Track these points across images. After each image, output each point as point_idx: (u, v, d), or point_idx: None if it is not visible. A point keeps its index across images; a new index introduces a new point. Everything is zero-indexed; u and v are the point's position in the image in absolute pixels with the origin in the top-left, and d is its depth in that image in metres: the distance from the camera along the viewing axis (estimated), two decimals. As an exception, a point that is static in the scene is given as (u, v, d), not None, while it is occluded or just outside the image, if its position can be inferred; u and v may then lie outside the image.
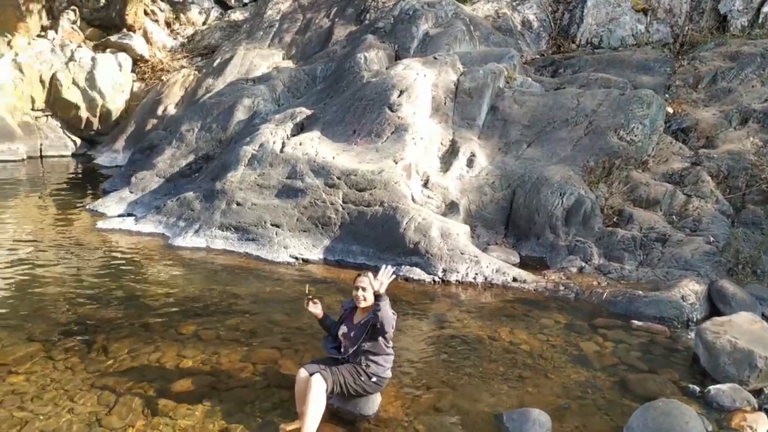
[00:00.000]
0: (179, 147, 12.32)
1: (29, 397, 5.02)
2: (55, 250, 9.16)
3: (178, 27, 20.70)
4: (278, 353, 5.99)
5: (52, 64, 17.39)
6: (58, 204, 12.42)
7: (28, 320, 6.53)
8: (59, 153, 17.18)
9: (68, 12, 18.63)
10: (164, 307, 7.08)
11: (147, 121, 16.39)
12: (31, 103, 17.21)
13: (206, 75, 16.74)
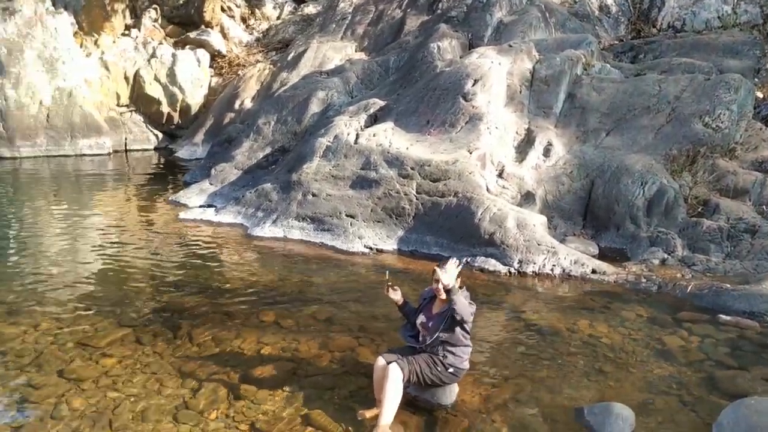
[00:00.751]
0: (256, 140, 12.60)
1: (121, 379, 5.25)
2: (140, 239, 9.55)
3: (253, 22, 21.15)
4: (355, 341, 6.06)
5: (135, 61, 18.10)
6: (142, 196, 12.93)
7: (118, 306, 6.83)
8: (142, 147, 17.88)
9: (150, 11, 19.32)
10: (244, 295, 7.28)
11: (224, 115, 16.84)
12: (116, 99, 17.97)
13: (281, 69, 17.04)
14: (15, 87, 15.91)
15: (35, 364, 5.47)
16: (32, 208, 11.87)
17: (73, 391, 5.04)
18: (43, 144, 16.27)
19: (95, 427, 4.58)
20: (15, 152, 15.94)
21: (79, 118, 16.61)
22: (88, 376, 5.28)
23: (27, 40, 16.17)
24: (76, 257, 8.86)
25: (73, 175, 14.96)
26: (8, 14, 16.07)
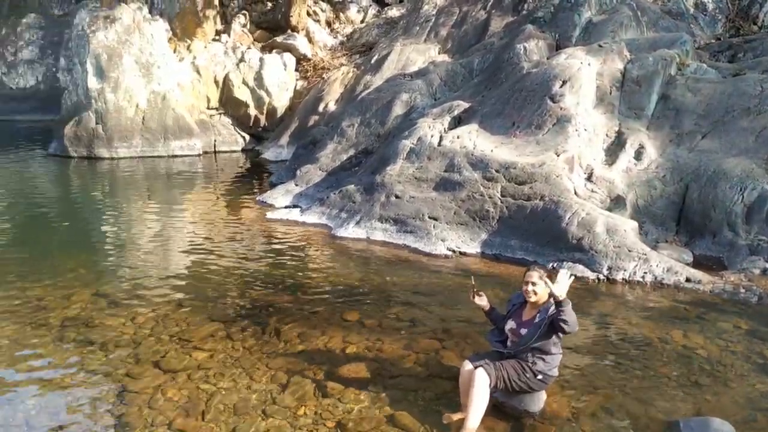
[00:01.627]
0: (340, 142, 12.76)
1: (212, 372, 5.43)
2: (228, 238, 9.85)
3: (338, 26, 21.48)
4: (439, 344, 6.04)
5: (225, 65, 18.71)
6: (230, 195, 13.34)
7: (208, 302, 7.07)
8: (230, 148, 18.45)
9: (239, 16, 19.94)
10: (328, 294, 7.38)
11: (309, 118, 17.16)
12: (206, 102, 18.62)
13: (364, 72, 17.21)
14: (114, 91, 16.75)
15: (133, 355, 5.73)
16: (128, 206, 12.46)
17: (168, 382, 5.24)
18: (139, 145, 17.05)
19: (189, 417, 4.75)
20: (113, 152, 16.77)
21: (171, 120, 17.32)
22: (181, 368, 5.48)
23: (126, 46, 17.00)
24: (168, 253, 9.24)
25: (166, 175, 15.60)
26: (109, 22, 16.95)
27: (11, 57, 27.54)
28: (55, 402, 4.95)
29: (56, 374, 5.37)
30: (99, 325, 6.36)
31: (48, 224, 10.92)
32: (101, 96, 16.74)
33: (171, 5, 18.34)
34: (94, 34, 16.82)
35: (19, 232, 10.28)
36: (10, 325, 6.33)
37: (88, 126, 16.84)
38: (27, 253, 9.12)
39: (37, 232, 10.36)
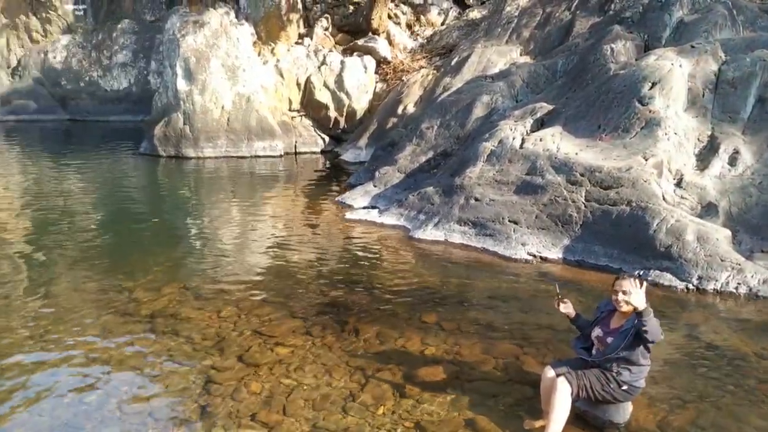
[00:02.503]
0: (419, 144, 12.75)
1: (293, 367, 5.53)
2: (308, 237, 10.01)
3: (418, 28, 21.50)
4: (519, 349, 5.94)
5: (307, 68, 19.05)
6: (309, 196, 13.56)
7: (289, 299, 7.20)
8: (310, 150, 18.75)
9: (322, 20, 20.27)
10: (406, 296, 7.38)
11: (388, 120, 17.23)
12: (288, 104, 19.01)
13: (444, 74, 17.14)
14: (201, 93, 17.34)
15: (218, 347, 5.90)
16: (212, 204, 12.86)
17: (251, 375, 5.37)
18: (223, 145, 17.57)
19: (270, 411, 4.85)
20: (199, 152, 17.36)
21: (255, 121, 17.78)
22: (264, 362, 5.61)
23: (213, 49, 17.58)
24: (250, 251, 9.47)
25: (249, 175, 16.01)
26: (198, 27, 17.57)
27: (107, 60, 28.94)
28: (145, 389, 5.16)
29: (146, 362, 5.60)
30: (186, 318, 6.58)
31: (139, 220, 11.41)
32: (189, 98, 17.36)
33: (256, 9, 18.84)
34: (184, 38, 17.47)
35: (112, 228, 10.78)
36: (104, 315, 6.64)
37: (176, 126, 17.51)
38: (120, 247, 9.56)
39: (129, 227, 10.83)
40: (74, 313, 6.71)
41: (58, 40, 29.39)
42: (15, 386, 5.17)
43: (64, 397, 5.02)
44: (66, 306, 6.92)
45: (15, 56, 29.72)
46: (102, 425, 4.63)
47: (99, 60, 29.00)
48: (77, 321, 6.49)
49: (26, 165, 17.18)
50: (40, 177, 15.43)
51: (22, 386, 5.17)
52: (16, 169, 16.75)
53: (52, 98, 28.79)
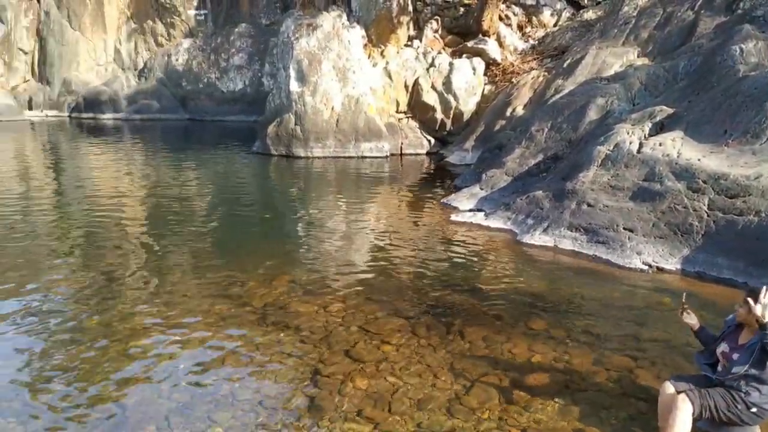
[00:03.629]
0: (528, 147, 12.49)
1: (399, 366, 5.53)
2: (413, 238, 10.01)
3: (529, 30, 21.10)
4: (632, 362, 5.66)
5: (415, 70, 19.13)
6: (415, 197, 13.60)
7: (394, 298, 7.22)
8: (416, 151, 18.81)
9: (432, 22, 20.30)
10: (513, 300, 7.23)
11: (496, 122, 17.01)
12: (396, 105, 19.16)
13: (556, 76, 16.72)
14: (313, 94, 17.80)
15: (325, 342, 6.00)
16: (320, 202, 13.17)
17: (357, 371, 5.42)
18: (332, 146, 17.96)
19: (376, 407, 4.87)
20: (308, 152, 17.83)
21: (363, 123, 18.05)
22: (369, 359, 5.64)
23: (325, 52, 18.00)
24: (356, 248, 9.60)
25: (355, 175, 16.27)
26: (312, 30, 18.05)
27: (224, 63, 30.32)
28: (256, 378, 5.32)
29: (257, 352, 5.78)
30: (295, 311, 6.74)
31: (252, 216, 11.86)
32: (301, 99, 17.86)
33: (368, 12, 19.13)
34: (298, 40, 18.00)
35: (226, 222, 11.26)
36: (218, 304, 6.92)
37: (288, 127, 18.06)
38: (233, 240, 9.95)
39: (243, 222, 11.27)
40: (191, 301, 7.04)
41: (180, 43, 31.09)
42: (136, 368, 5.47)
43: (181, 380, 5.25)
44: (184, 294, 7.27)
45: (141, 59, 31.72)
46: (216, 409, 4.81)
47: (217, 62, 30.42)
48: (194, 308, 6.81)
49: (149, 160, 18.28)
50: (161, 172, 16.37)
51: (144, 369, 5.46)
52: (140, 163, 17.86)
53: (174, 98, 30.48)
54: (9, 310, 6.70)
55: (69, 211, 12.10)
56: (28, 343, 5.97)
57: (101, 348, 5.84)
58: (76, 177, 16.19)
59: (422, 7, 20.64)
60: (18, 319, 6.49)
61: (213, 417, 4.70)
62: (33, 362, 5.59)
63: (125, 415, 4.69)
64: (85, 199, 12.86)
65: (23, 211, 11.68)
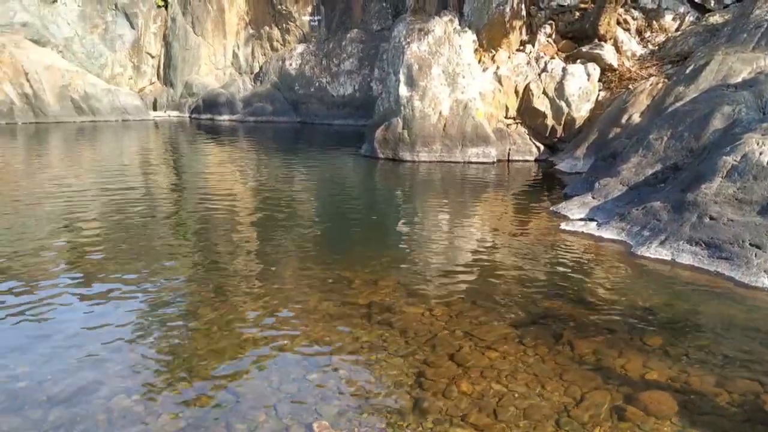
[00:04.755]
0: (645, 155, 11.95)
1: (505, 373, 5.42)
2: (519, 245, 9.81)
3: (649, 35, 20.19)
4: (760, 387, 5.27)
5: (526, 75, 18.78)
6: (521, 204, 13.34)
7: (499, 304, 7.10)
8: (524, 158, 18.45)
9: (545, 26, 19.86)
10: (626, 315, 6.91)
11: (610, 130, 16.40)
12: (504, 111, 18.88)
13: (676, 83, 15.91)
14: (421, 99, 17.85)
15: (430, 344, 5.97)
16: (425, 205, 13.19)
17: (462, 376, 5.36)
18: (438, 150, 17.93)
19: (481, 413, 4.79)
20: (414, 156, 17.89)
21: (471, 128, 17.90)
22: (475, 364, 5.56)
23: (435, 56, 18.01)
24: (460, 253, 9.52)
25: (460, 180, 16.16)
26: (423, 34, 18.12)
27: (335, 68, 31.00)
28: (362, 375, 5.37)
29: (363, 350, 5.84)
30: (399, 312, 6.76)
31: (358, 216, 12.04)
32: (409, 103, 17.96)
33: (480, 17, 18.96)
34: (409, 45, 18.13)
35: (333, 221, 11.49)
36: (326, 301, 7.05)
37: (395, 131, 18.21)
38: (340, 239, 10.13)
39: (349, 222, 11.46)
40: (300, 296, 7.22)
41: (294, 48, 32.09)
42: (248, 359, 5.67)
43: (290, 373, 5.38)
44: (293, 289, 7.47)
45: (257, 63, 33.00)
46: (323, 403, 4.89)
47: (328, 67, 31.15)
48: (303, 304, 6.97)
49: (261, 160, 18.98)
50: (272, 171, 16.96)
51: (254, 360, 5.64)
52: (253, 163, 18.58)
53: (286, 102, 31.50)
54: (129, 298, 7.12)
55: (185, 205, 12.76)
56: (145, 328, 6.32)
57: (215, 337, 6.09)
58: (193, 173, 17.08)
59: (536, 11, 20.22)
60: (136, 306, 6.89)
61: (319, 410, 4.79)
62: (150, 346, 5.91)
63: (237, 402, 4.87)
64: (200, 194, 13.52)
65: (145, 203, 12.42)
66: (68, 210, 11.39)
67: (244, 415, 4.69)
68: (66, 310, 6.75)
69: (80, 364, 5.46)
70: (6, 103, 27.72)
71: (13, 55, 28.05)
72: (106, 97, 30.13)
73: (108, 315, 6.61)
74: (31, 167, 17.10)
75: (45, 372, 5.30)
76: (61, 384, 5.10)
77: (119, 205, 11.89)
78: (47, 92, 28.52)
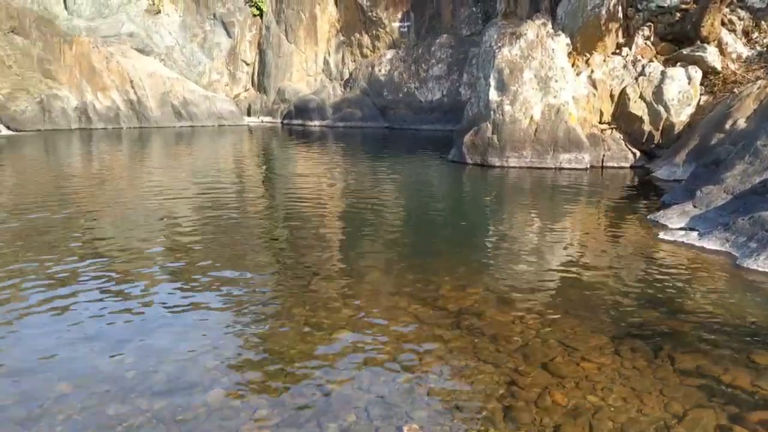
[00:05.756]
0: (752, 162, 11.28)
1: (600, 386, 5.22)
2: (614, 254, 9.47)
3: (756, 36, 19.10)
4: None
5: (622, 79, 18.17)
6: (616, 212, 12.90)
7: (593, 314, 6.86)
8: (619, 164, 17.83)
9: (643, 29, 19.13)
10: (732, 330, 6.52)
11: (712, 136, 15.59)
12: (599, 116, 18.34)
13: (788, 86, 14.95)
14: (512, 103, 17.60)
15: (521, 352, 5.84)
16: (514, 212, 12.97)
17: (555, 386, 5.21)
18: (528, 156, 17.61)
19: (575, 426, 4.64)
20: (503, 162, 17.65)
21: (563, 133, 17.47)
22: (568, 375, 5.40)
23: (527, 60, 17.72)
24: (551, 260, 9.27)
25: (551, 187, 15.80)
26: (515, 38, 17.87)
27: (423, 73, 31.07)
28: (451, 381, 5.32)
29: (453, 356, 5.78)
30: (490, 318, 6.66)
31: (446, 221, 11.98)
32: (499, 108, 17.75)
33: (574, 20, 18.49)
34: (500, 49, 17.91)
35: (421, 225, 11.49)
36: (414, 304, 7.04)
37: (484, 136, 18.02)
38: (427, 244, 10.09)
39: (436, 227, 11.42)
40: (389, 299, 7.24)
41: (383, 54, 32.41)
42: (339, 358, 5.73)
43: (380, 375, 5.40)
44: (381, 292, 7.51)
45: (347, 69, 33.54)
46: (412, 407, 4.87)
47: (417, 73, 31.27)
48: (391, 307, 6.99)
49: (350, 165, 19.24)
50: (360, 175, 17.16)
51: (345, 360, 5.69)
52: (341, 166, 18.87)
53: (375, 107, 31.83)
54: (224, 295, 7.36)
55: (277, 206, 13.11)
56: (239, 325, 6.51)
57: (306, 336, 6.19)
58: (284, 176, 17.54)
59: (633, 13, 19.51)
60: (230, 304, 7.10)
61: (410, 413, 4.77)
62: (245, 343, 6.07)
63: (329, 402, 4.92)
64: (291, 197, 13.87)
65: (239, 204, 12.85)
66: (167, 211, 11.93)
67: (336, 414, 4.73)
68: (164, 305, 7.04)
69: (180, 357, 5.68)
70: (113, 109, 29.40)
71: (120, 64, 29.72)
72: (203, 103, 31.43)
73: (204, 311, 6.86)
74: (135, 169, 18.04)
75: (149, 363, 5.55)
76: (163, 375, 5.32)
77: (215, 206, 12.34)
78: (150, 98, 30.04)
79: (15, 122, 27.09)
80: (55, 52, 28.50)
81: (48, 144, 23.76)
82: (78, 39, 29.34)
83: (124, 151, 22.35)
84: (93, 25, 31.21)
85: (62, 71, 28.67)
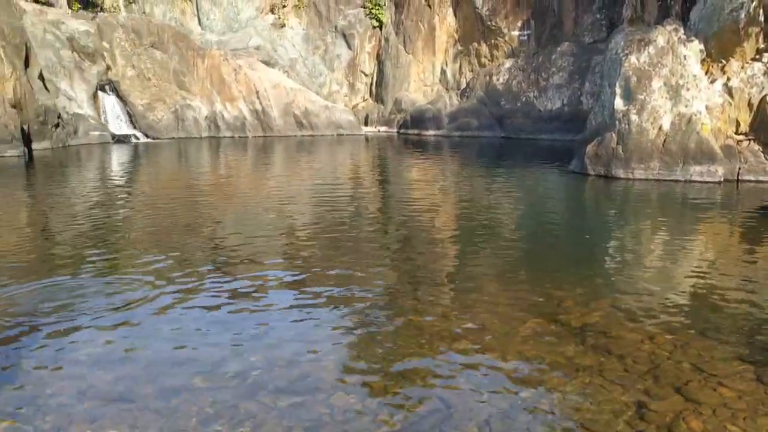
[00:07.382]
0: None
1: (742, 414, 4.84)
2: (749, 273, 8.81)
3: None
4: None
5: (762, 87, 16.91)
6: (751, 228, 12.05)
7: (730, 338, 6.38)
8: (757, 178, 16.60)
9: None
10: None
11: None
12: (735, 126, 17.17)
13: None
14: (639, 113, 16.84)
15: (652, 374, 5.52)
16: (639, 227, 12.39)
17: (690, 412, 4.88)
18: (656, 167, 16.77)
19: (715, 456, 4.32)
20: (628, 173, 16.92)
21: (694, 144, 16.50)
22: (705, 401, 5.04)
23: (656, 68, 16.90)
24: (681, 279, 8.76)
25: (680, 201, 14.98)
26: (643, 45, 17.10)
27: (543, 82, 30.48)
28: (576, 399, 5.10)
29: (577, 373, 5.54)
30: (616, 336, 6.36)
31: (566, 234, 11.62)
32: (625, 117, 17.04)
33: (709, 24, 17.42)
34: (627, 57, 17.21)
35: (540, 237, 11.21)
36: (533, 318, 6.84)
37: (608, 146, 17.36)
38: (547, 256, 9.82)
39: (557, 239, 11.11)
40: (508, 311, 7.08)
41: (502, 63, 32.10)
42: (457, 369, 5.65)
43: (501, 387, 5.27)
44: (498, 304, 7.35)
45: (464, 79, 33.49)
46: (535, 422, 4.71)
47: (536, 82, 30.72)
48: (509, 320, 6.82)
49: (466, 174, 19.16)
50: (476, 184, 17.04)
51: (464, 371, 5.61)
52: (456, 176, 18.82)
53: (491, 117, 31.56)
54: (339, 297, 7.48)
55: (392, 213, 13.25)
56: (356, 329, 6.59)
57: (424, 344, 6.17)
58: (399, 184, 17.73)
59: (776, 16, 18.14)
60: (346, 308, 7.20)
61: (531, 428, 4.63)
62: (364, 348, 6.14)
63: (449, 412, 4.85)
64: (406, 204, 14.00)
65: (354, 211, 13.10)
66: (288, 215, 12.39)
67: (456, 425, 4.66)
68: (284, 306, 7.26)
69: (301, 358, 5.82)
70: (240, 119, 30.94)
71: (248, 76, 31.24)
72: (323, 113, 32.40)
73: (320, 313, 7.02)
74: (259, 176, 18.86)
75: (273, 362, 5.73)
76: (287, 375, 5.47)
77: (333, 211, 12.68)
78: (274, 108, 31.34)
79: (152, 130, 29.17)
80: (189, 65, 30.39)
81: (182, 150, 25.35)
82: (210, 52, 31.14)
83: (249, 158, 23.43)
84: (224, 39, 33.04)
85: (195, 83, 30.52)
